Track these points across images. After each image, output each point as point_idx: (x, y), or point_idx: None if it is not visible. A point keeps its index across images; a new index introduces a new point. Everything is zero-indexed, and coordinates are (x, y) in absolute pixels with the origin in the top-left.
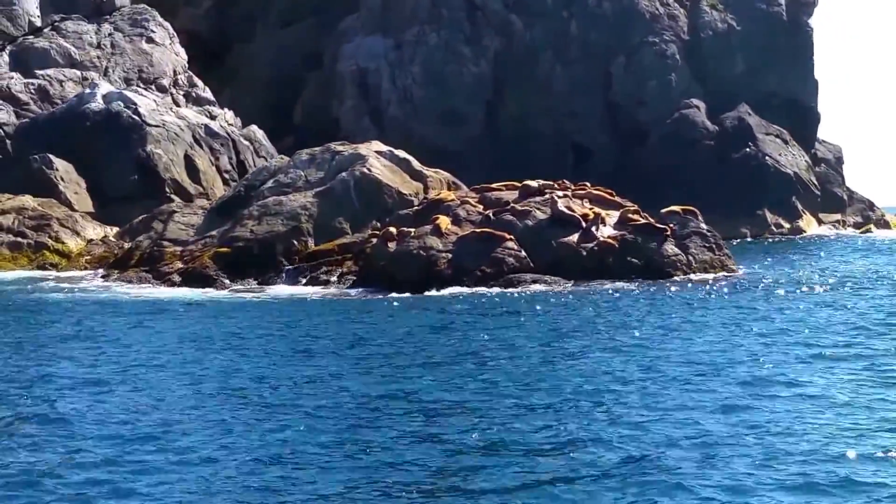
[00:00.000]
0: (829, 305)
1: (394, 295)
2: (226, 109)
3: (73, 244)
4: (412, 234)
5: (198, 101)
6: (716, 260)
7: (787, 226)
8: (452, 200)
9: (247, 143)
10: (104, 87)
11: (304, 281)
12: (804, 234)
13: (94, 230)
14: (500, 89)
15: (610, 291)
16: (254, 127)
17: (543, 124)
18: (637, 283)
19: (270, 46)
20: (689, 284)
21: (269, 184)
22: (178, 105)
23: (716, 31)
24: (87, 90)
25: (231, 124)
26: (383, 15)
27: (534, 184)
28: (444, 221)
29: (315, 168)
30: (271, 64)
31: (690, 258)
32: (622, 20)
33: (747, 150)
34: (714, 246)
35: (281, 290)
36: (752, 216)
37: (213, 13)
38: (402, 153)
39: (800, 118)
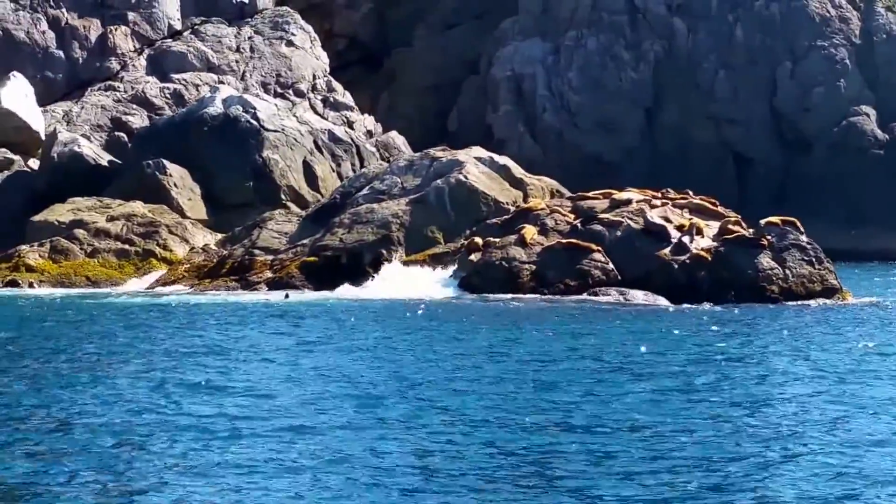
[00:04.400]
0: None
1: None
2: (365, 115)
3: (181, 252)
4: (496, 244)
5: (335, 107)
6: (815, 275)
7: None
8: (542, 209)
9: (372, 149)
10: (225, 92)
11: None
12: None
13: (205, 238)
14: (660, 96)
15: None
16: (394, 133)
17: (704, 133)
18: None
19: (430, 51)
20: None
21: (365, 191)
22: (315, 110)
23: (890, 35)
24: (208, 94)
25: (370, 130)
26: (542, 18)
27: (623, 194)
28: (529, 231)
29: (412, 175)
30: (430, 69)
31: (787, 272)
32: (790, 23)
33: None
34: (814, 260)
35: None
36: None
37: (373, 16)
38: (503, 159)
39: None
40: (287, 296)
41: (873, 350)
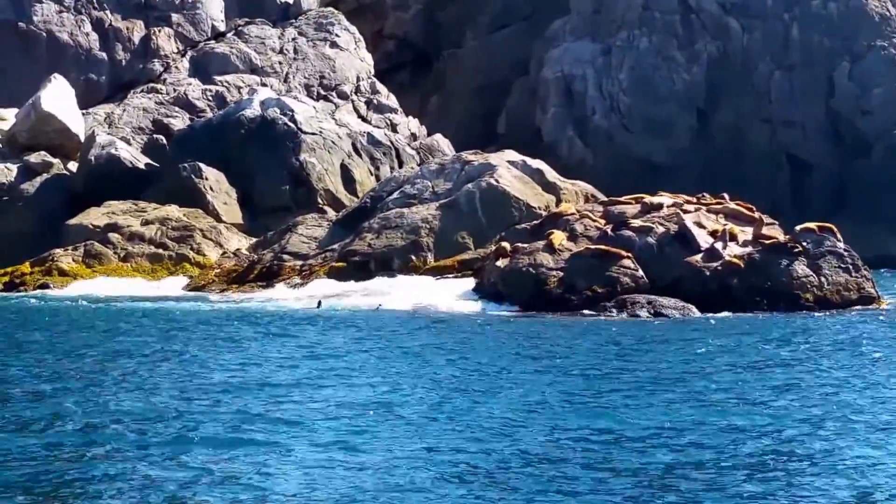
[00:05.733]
0: None
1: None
2: (410, 118)
3: (215, 257)
4: (524, 249)
5: (379, 109)
6: (851, 282)
7: None
8: (572, 214)
9: (412, 152)
10: (263, 94)
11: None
12: None
13: (240, 242)
14: (714, 97)
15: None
16: (438, 136)
17: (759, 135)
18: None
19: (480, 52)
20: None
21: (395, 195)
22: (358, 113)
23: None
24: (246, 96)
25: (414, 133)
26: (593, 18)
27: (655, 199)
28: (557, 237)
29: (443, 179)
30: (480, 70)
31: (823, 280)
32: (848, 22)
33: None
34: (851, 267)
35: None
36: None
37: (422, 17)
38: (537, 163)
39: None
40: (320, 304)
41: None
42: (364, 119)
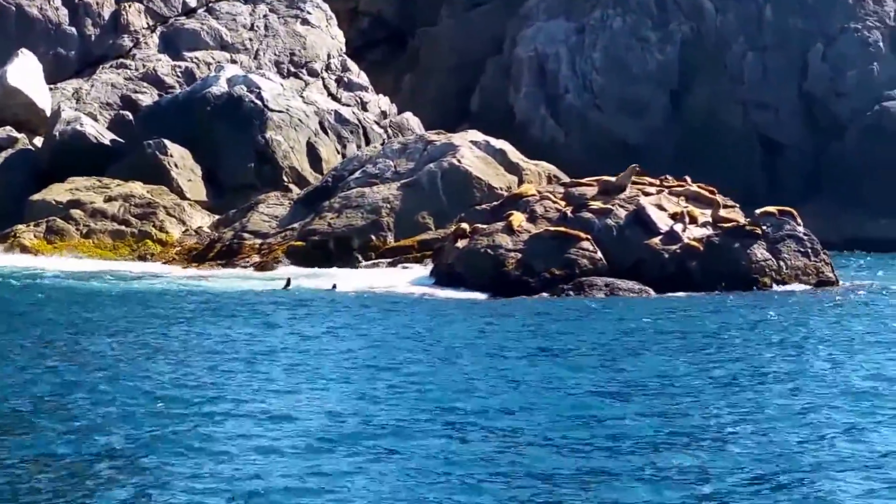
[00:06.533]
0: None
1: None
2: (380, 96)
3: (178, 234)
4: (484, 231)
5: (350, 87)
6: (810, 266)
7: None
8: (532, 196)
9: (380, 131)
10: (230, 70)
11: (381, 276)
12: None
13: (204, 219)
14: (687, 78)
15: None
16: (408, 114)
17: (732, 116)
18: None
19: (455, 30)
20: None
21: (357, 174)
22: (329, 91)
23: None
24: (213, 73)
25: (384, 111)
26: None
27: (610, 179)
28: (517, 218)
29: (406, 158)
30: (455, 48)
31: (781, 264)
32: (822, 4)
33: None
34: (810, 251)
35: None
36: None
37: None
38: (500, 143)
39: None
40: (288, 283)
41: None
42: (334, 97)
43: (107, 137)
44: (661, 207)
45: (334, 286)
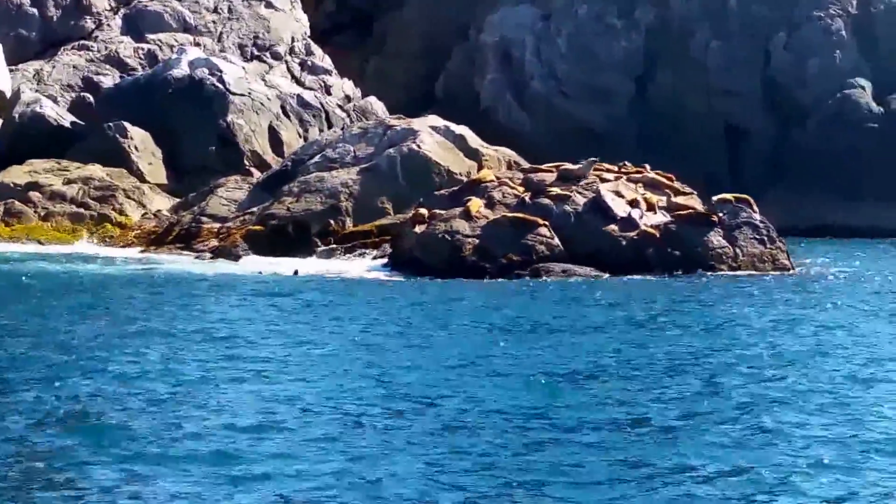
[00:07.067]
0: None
1: None
2: (344, 80)
3: (137, 217)
4: (442, 216)
5: (314, 70)
6: (766, 254)
7: None
8: (490, 182)
9: (343, 115)
10: (192, 53)
11: (338, 262)
12: None
13: (164, 203)
14: (652, 65)
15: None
16: (372, 99)
17: (696, 103)
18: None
19: (421, 14)
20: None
21: (317, 159)
22: (292, 74)
23: (888, 6)
24: (174, 55)
25: (348, 95)
26: None
27: (575, 167)
28: (475, 204)
29: (365, 143)
30: (420, 34)
31: (738, 251)
32: None
33: None
34: (766, 238)
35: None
36: None
37: None
38: (460, 129)
39: None
40: (297, 272)
41: None
42: (298, 81)
43: (67, 120)
44: (619, 194)
45: (296, 272)
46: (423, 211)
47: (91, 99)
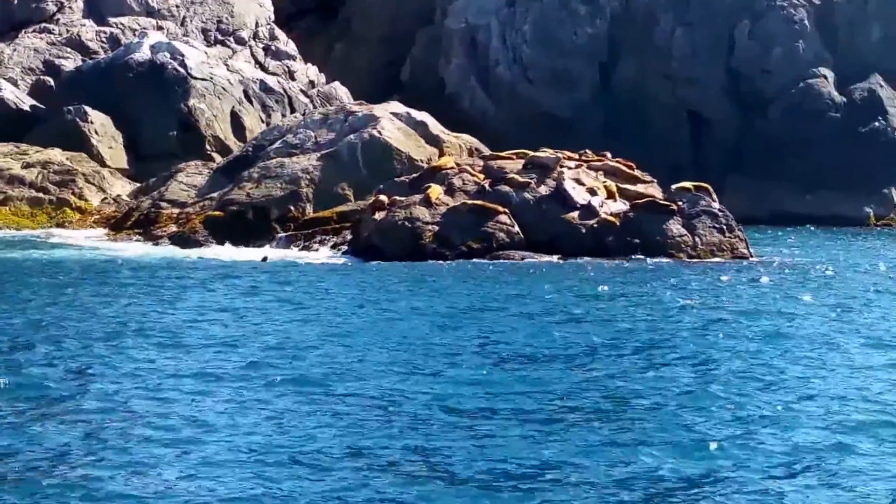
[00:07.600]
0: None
1: None
2: (308, 65)
3: (97, 202)
4: (401, 203)
5: (277, 55)
6: (725, 242)
7: None
8: (451, 168)
9: (306, 100)
10: (153, 37)
11: (295, 250)
12: None
13: (124, 187)
14: (616, 52)
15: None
16: (336, 84)
17: (660, 91)
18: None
19: (386, 0)
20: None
21: (277, 144)
22: (256, 59)
23: None
24: (136, 39)
25: (312, 81)
26: None
27: (541, 154)
28: (435, 191)
29: (326, 129)
30: (385, 19)
31: (697, 239)
32: None
33: (876, 124)
34: (725, 227)
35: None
36: (878, 195)
37: None
38: (421, 115)
39: None
40: (265, 258)
41: None
42: (262, 66)
43: (26, 103)
44: (579, 182)
45: (265, 258)
46: (383, 198)
47: (52, 82)
